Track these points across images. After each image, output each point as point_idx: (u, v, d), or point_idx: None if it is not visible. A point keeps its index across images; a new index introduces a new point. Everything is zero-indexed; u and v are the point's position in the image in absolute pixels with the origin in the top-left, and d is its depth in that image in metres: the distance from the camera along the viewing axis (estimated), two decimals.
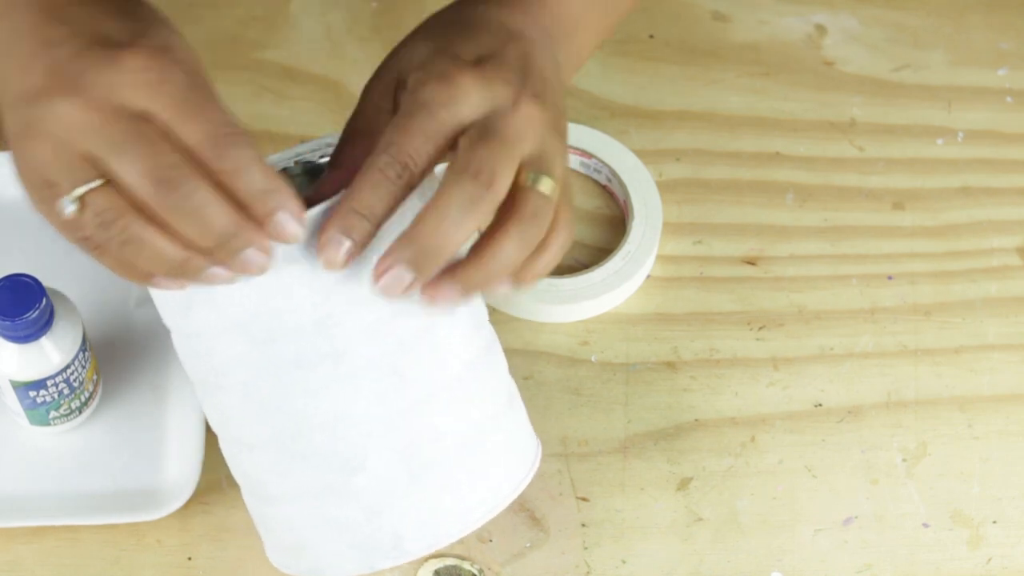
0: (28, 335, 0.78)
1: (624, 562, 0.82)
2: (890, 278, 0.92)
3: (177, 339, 0.70)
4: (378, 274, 0.63)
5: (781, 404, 0.87)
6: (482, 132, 0.64)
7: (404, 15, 1.02)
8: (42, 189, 0.62)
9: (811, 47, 1.02)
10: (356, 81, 0.98)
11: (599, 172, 0.95)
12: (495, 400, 0.71)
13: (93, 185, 0.60)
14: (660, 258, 0.92)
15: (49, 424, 0.83)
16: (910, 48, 1.02)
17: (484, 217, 0.63)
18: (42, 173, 0.62)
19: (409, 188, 0.63)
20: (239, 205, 0.60)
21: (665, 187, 0.94)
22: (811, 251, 0.93)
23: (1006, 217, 0.95)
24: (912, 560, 0.82)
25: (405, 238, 0.63)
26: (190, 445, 0.82)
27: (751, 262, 0.92)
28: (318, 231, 0.63)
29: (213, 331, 0.67)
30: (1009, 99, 1.00)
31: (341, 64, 0.99)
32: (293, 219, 0.61)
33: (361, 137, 0.68)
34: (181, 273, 0.62)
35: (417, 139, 0.63)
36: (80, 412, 0.83)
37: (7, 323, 0.76)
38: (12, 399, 0.81)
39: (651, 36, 1.02)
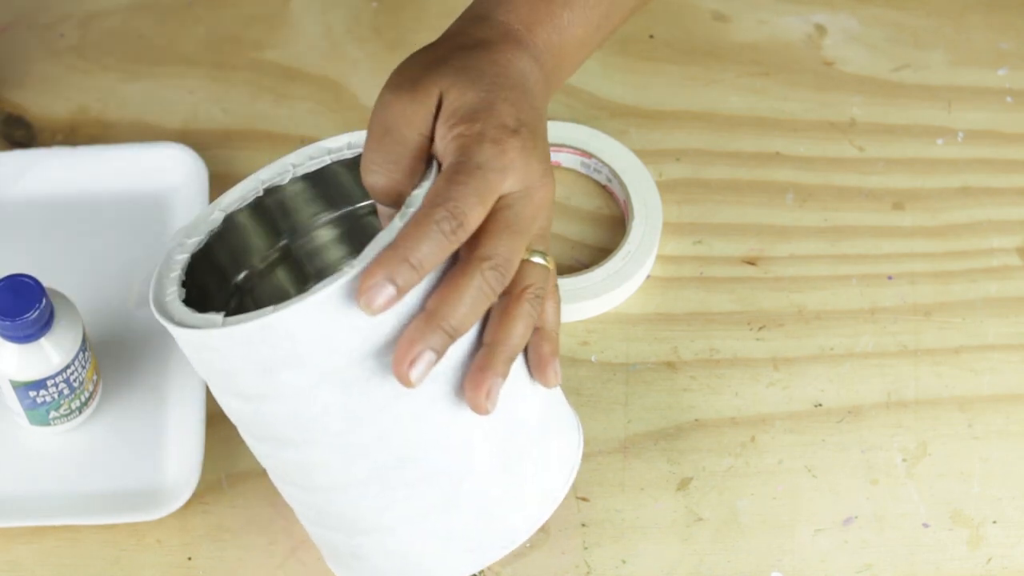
0: (28, 335, 0.78)
1: (624, 562, 0.82)
2: (890, 278, 0.92)
3: (239, 403, 0.68)
4: (410, 362, 0.64)
5: (781, 404, 0.87)
6: (510, 220, 0.66)
7: (404, 15, 1.02)
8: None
9: (811, 47, 1.02)
10: (356, 81, 0.99)
11: (599, 172, 0.95)
12: (542, 387, 0.73)
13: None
14: (660, 258, 0.92)
15: (49, 424, 0.83)
16: (910, 48, 1.02)
17: (494, 300, 0.66)
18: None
19: (458, 244, 0.64)
20: None
21: (665, 187, 0.94)
22: (811, 251, 0.93)
23: (1006, 217, 0.95)
24: (912, 560, 0.82)
25: (431, 322, 0.64)
26: (190, 445, 0.82)
27: (751, 262, 0.92)
28: (363, 272, 0.63)
29: (300, 388, 0.65)
30: (1009, 99, 1.00)
31: (341, 64, 0.99)
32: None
33: (395, 145, 0.68)
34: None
35: (472, 199, 0.64)
36: (80, 412, 0.83)
37: (7, 323, 0.76)
38: (12, 399, 0.81)
39: (651, 36, 1.02)
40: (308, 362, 0.64)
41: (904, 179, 0.96)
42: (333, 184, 0.77)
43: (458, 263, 0.65)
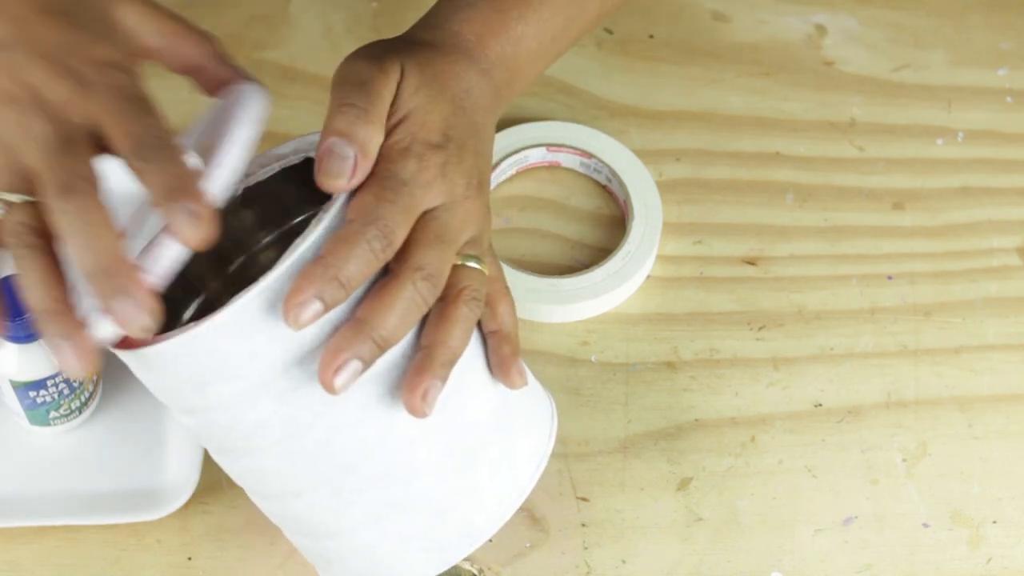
0: (28, 335, 0.78)
1: (624, 562, 0.82)
2: (890, 278, 0.92)
3: (187, 418, 0.68)
4: (334, 370, 0.63)
5: (781, 404, 0.87)
6: (435, 229, 0.66)
7: (404, 15, 1.02)
8: None
9: (811, 47, 1.02)
10: None
11: (599, 172, 0.95)
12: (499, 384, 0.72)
13: (18, 198, 0.62)
14: (660, 258, 0.92)
15: (49, 424, 0.83)
16: (910, 48, 1.02)
17: (426, 310, 0.66)
18: None
19: (384, 263, 0.64)
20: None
21: (665, 187, 0.94)
22: (811, 251, 0.93)
23: (1006, 217, 0.95)
24: (912, 560, 0.82)
25: (359, 331, 0.64)
26: (190, 445, 0.82)
27: (751, 262, 0.92)
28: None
29: (233, 400, 0.65)
30: (1009, 99, 1.00)
31: None
32: (190, 217, 0.61)
33: (373, 97, 0.67)
34: (42, 322, 0.62)
35: (399, 216, 0.65)
36: (80, 412, 0.83)
37: (7, 323, 0.76)
38: (12, 399, 0.81)
39: (651, 36, 1.02)
40: (236, 374, 0.64)
41: (904, 179, 0.96)
42: (278, 196, 0.77)
43: (389, 274, 0.65)
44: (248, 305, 0.63)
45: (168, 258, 0.62)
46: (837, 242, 0.93)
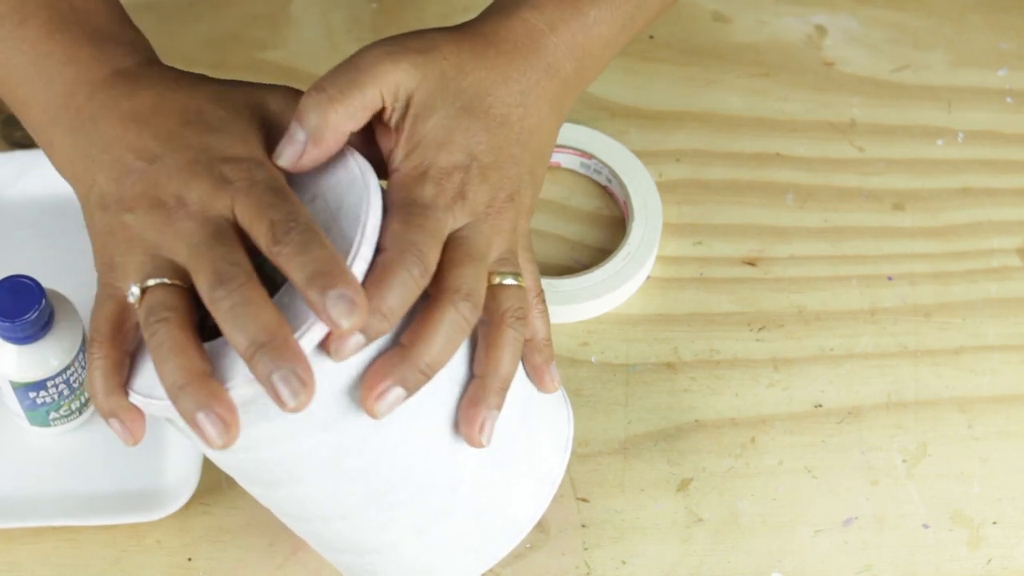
0: (28, 336, 0.78)
1: (624, 562, 0.82)
2: (890, 278, 0.92)
3: (225, 457, 0.68)
4: (377, 396, 0.63)
5: (781, 405, 0.87)
6: (465, 250, 0.66)
7: (404, 16, 1.02)
8: (110, 269, 0.66)
9: (811, 47, 1.02)
10: None
11: (599, 172, 0.95)
12: (522, 381, 0.72)
13: (154, 281, 0.64)
14: (660, 259, 0.92)
15: (49, 425, 0.83)
16: (910, 48, 1.02)
17: (469, 332, 0.65)
18: (114, 258, 0.65)
19: (422, 290, 0.64)
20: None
21: (665, 187, 0.94)
22: (811, 251, 0.93)
23: (1006, 217, 0.95)
24: (912, 561, 0.82)
25: (406, 359, 0.63)
26: (190, 446, 0.82)
27: (751, 262, 0.92)
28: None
29: (279, 436, 0.65)
30: (1009, 99, 1.00)
31: None
32: (343, 302, 0.60)
33: (358, 88, 0.66)
34: (176, 397, 0.62)
35: (430, 241, 0.65)
36: (80, 413, 0.83)
37: (7, 324, 0.76)
38: (12, 400, 0.81)
39: (651, 36, 1.02)
40: (279, 413, 0.63)
41: (904, 179, 0.96)
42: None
43: (429, 300, 0.64)
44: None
45: (313, 342, 0.62)
46: (837, 243, 0.93)
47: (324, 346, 0.62)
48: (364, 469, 0.66)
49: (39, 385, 0.80)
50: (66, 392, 0.81)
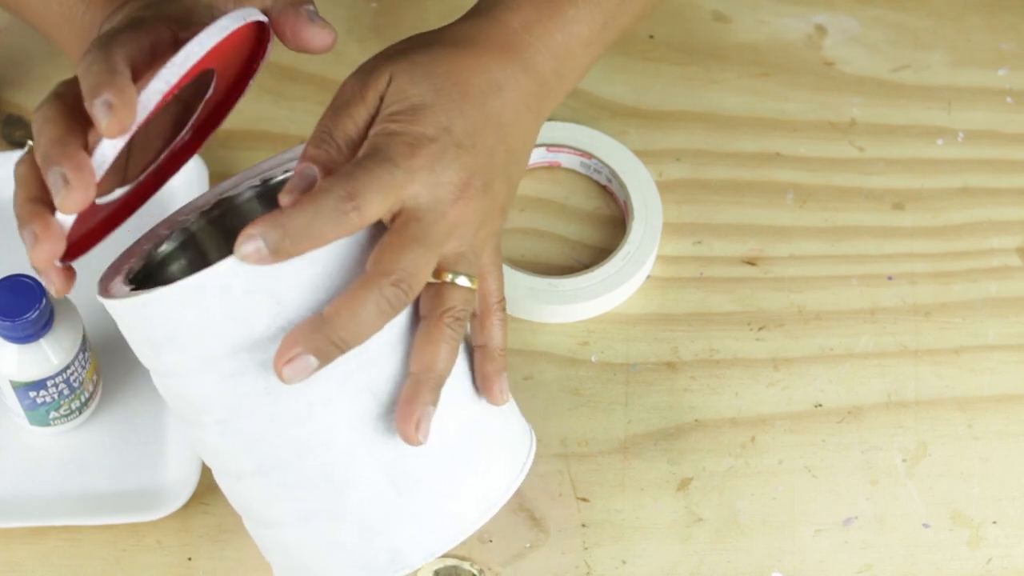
0: (28, 335, 0.78)
1: (624, 562, 0.82)
2: (890, 278, 0.92)
3: (155, 379, 0.70)
4: (285, 360, 0.63)
5: (781, 404, 0.87)
6: (413, 231, 0.64)
7: (404, 16, 1.02)
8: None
9: (811, 47, 1.02)
10: None
11: (599, 172, 0.95)
12: (477, 403, 0.70)
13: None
14: (660, 258, 0.92)
15: (49, 424, 0.83)
16: (910, 48, 1.02)
17: (394, 316, 0.64)
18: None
19: (352, 229, 0.63)
20: None
21: (665, 187, 0.94)
22: (811, 251, 0.93)
23: (1006, 217, 0.95)
24: (912, 560, 0.82)
25: (316, 327, 0.63)
26: (190, 445, 0.82)
27: (751, 262, 0.92)
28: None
29: (184, 370, 0.67)
30: (1009, 99, 1.00)
31: (341, 64, 0.99)
32: (104, 108, 0.62)
33: (346, 121, 0.67)
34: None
35: (374, 185, 0.63)
36: (80, 412, 0.83)
37: (7, 323, 0.76)
38: (12, 399, 0.81)
39: (651, 36, 1.02)
40: (185, 345, 0.65)
41: (904, 179, 0.96)
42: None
43: (360, 277, 0.64)
44: (204, 282, 0.64)
45: (102, 153, 0.63)
46: (837, 242, 0.93)
47: (235, 249, 0.62)
48: (254, 437, 0.67)
49: (39, 384, 0.80)
50: (66, 391, 0.81)
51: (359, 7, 1.02)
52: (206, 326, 0.65)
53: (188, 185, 0.92)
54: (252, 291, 0.64)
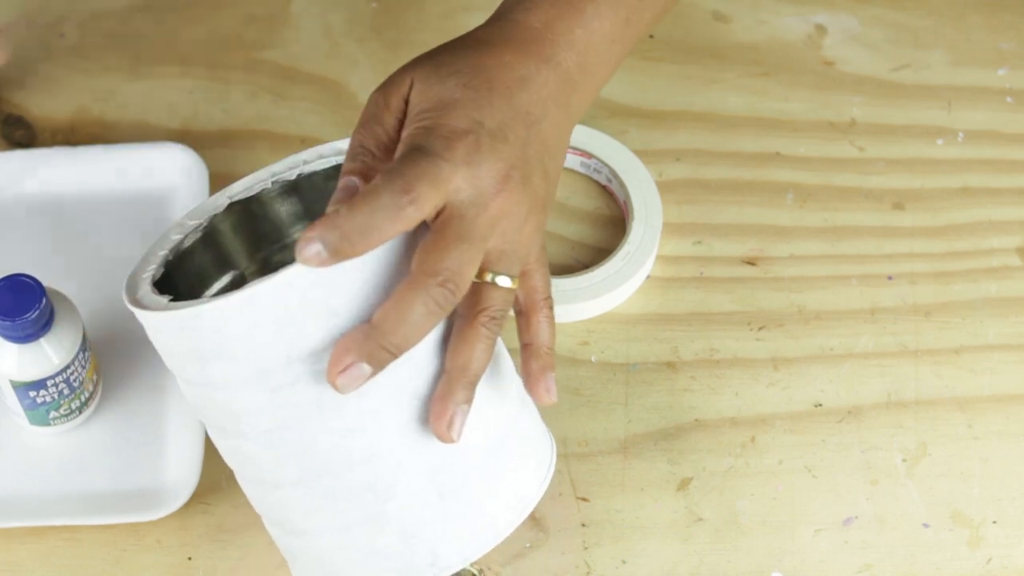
0: (28, 335, 0.78)
1: (624, 562, 0.82)
2: (890, 278, 0.92)
3: (188, 388, 0.69)
4: (339, 371, 0.63)
5: (781, 404, 0.87)
6: (456, 228, 0.64)
7: (404, 15, 1.02)
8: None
9: (811, 47, 1.02)
10: (356, 81, 0.99)
11: (599, 172, 0.95)
12: (509, 403, 0.70)
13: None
14: (660, 258, 0.92)
15: (49, 424, 0.83)
16: (910, 48, 1.02)
17: (442, 318, 0.64)
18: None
19: (411, 224, 0.63)
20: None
21: (665, 187, 0.94)
22: (811, 251, 0.93)
23: (1006, 217, 0.95)
24: (912, 560, 0.82)
25: (367, 335, 0.63)
26: (190, 445, 0.82)
27: (751, 262, 0.92)
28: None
29: (233, 383, 0.66)
30: (1009, 99, 1.00)
31: (341, 64, 0.99)
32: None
33: (377, 129, 0.67)
34: None
35: (425, 179, 0.63)
36: (80, 412, 0.83)
37: (7, 323, 0.76)
38: (12, 399, 0.81)
39: (651, 36, 1.02)
40: (236, 357, 0.65)
41: (904, 179, 0.96)
42: (324, 191, 0.77)
43: (407, 278, 0.64)
44: (259, 294, 0.63)
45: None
46: (837, 242, 0.93)
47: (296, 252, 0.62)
48: (302, 446, 0.66)
49: (39, 384, 0.80)
50: (66, 391, 0.81)
51: (359, 7, 1.02)
52: (261, 338, 0.64)
53: (188, 185, 0.92)
54: (307, 300, 0.63)
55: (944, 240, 0.94)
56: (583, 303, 0.89)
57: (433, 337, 0.67)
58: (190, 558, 0.81)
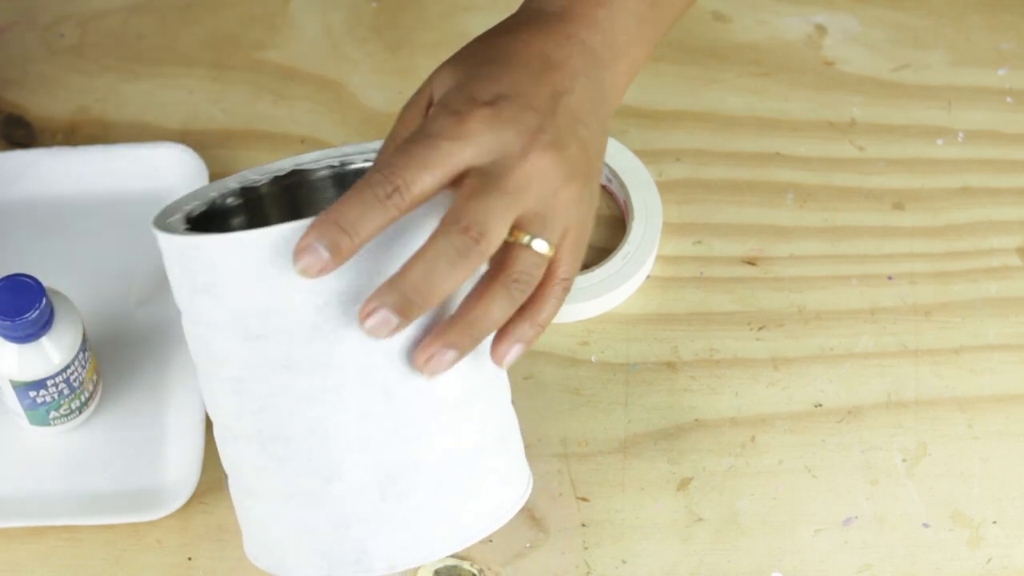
0: (28, 335, 0.78)
1: (624, 562, 0.82)
2: (890, 278, 0.92)
3: (184, 321, 0.71)
4: (364, 315, 0.63)
5: (781, 404, 0.87)
6: (482, 182, 0.64)
7: (404, 15, 1.02)
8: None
9: (811, 47, 1.02)
10: (356, 81, 0.99)
11: None
12: (484, 436, 0.70)
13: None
14: (660, 258, 0.92)
15: (49, 424, 0.83)
16: (910, 48, 1.02)
17: (471, 269, 0.63)
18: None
19: (398, 211, 0.63)
20: None
21: (665, 187, 0.94)
22: (811, 251, 0.93)
23: (1006, 217, 0.95)
24: (912, 560, 0.82)
25: (392, 282, 0.63)
26: (190, 445, 0.82)
27: (751, 262, 0.92)
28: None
29: (213, 320, 0.67)
30: (1009, 99, 1.00)
31: (341, 64, 0.99)
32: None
33: (406, 132, 0.68)
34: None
35: (414, 165, 0.63)
36: (80, 412, 0.83)
37: (7, 323, 0.76)
38: (12, 399, 0.81)
39: None
40: (220, 295, 0.66)
41: (904, 179, 0.96)
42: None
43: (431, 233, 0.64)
44: (252, 241, 0.64)
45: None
46: (837, 242, 0.93)
47: (293, 257, 0.63)
48: (262, 403, 0.67)
49: (39, 384, 0.80)
50: (66, 391, 0.81)
51: (359, 7, 1.02)
52: (246, 283, 0.65)
53: (188, 185, 0.92)
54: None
55: (944, 240, 0.94)
56: (583, 303, 0.89)
57: (413, 335, 0.67)
58: (190, 558, 0.81)
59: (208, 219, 0.74)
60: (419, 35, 1.00)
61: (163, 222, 0.72)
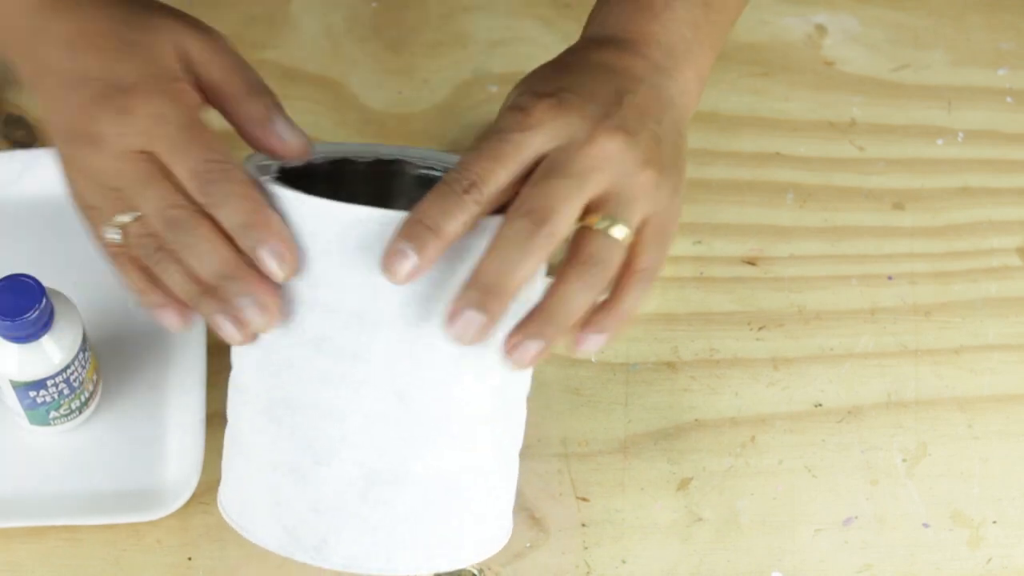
0: (28, 335, 0.78)
1: (624, 562, 0.82)
2: (890, 278, 0.92)
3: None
4: (450, 319, 0.63)
5: (781, 404, 0.87)
6: (547, 168, 0.64)
7: (404, 15, 1.02)
8: (86, 211, 0.68)
9: (811, 47, 1.02)
10: (356, 81, 0.99)
11: None
12: (478, 478, 0.70)
13: (129, 217, 0.65)
14: None
15: (49, 424, 0.83)
16: (910, 48, 1.02)
17: (542, 254, 0.63)
18: (85, 199, 0.67)
19: (478, 206, 0.63)
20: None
21: None
22: (811, 251, 0.93)
23: (1006, 217, 0.95)
24: (912, 560, 0.82)
25: (469, 283, 0.64)
26: (190, 445, 0.82)
27: (751, 262, 0.92)
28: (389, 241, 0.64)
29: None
30: (1009, 99, 1.00)
31: (341, 64, 0.99)
32: (274, 257, 0.64)
33: None
34: (195, 306, 0.65)
35: (486, 159, 0.64)
36: (80, 412, 0.83)
37: (7, 323, 0.76)
38: (12, 399, 0.81)
39: None
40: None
41: (904, 179, 0.96)
42: None
43: None
44: (330, 211, 0.65)
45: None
46: (837, 242, 0.93)
47: (381, 263, 0.63)
48: (279, 365, 0.68)
49: (39, 384, 0.80)
50: (66, 391, 0.81)
51: (359, 7, 1.02)
52: (312, 247, 0.65)
53: None
54: (363, 246, 0.64)
55: (944, 240, 0.94)
56: None
57: (448, 363, 0.67)
58: (190, 558, 0.81)
59: (296, 177, 0.73)
60: (419, 35, 1.00)
61: (257, 166, 0.71)
